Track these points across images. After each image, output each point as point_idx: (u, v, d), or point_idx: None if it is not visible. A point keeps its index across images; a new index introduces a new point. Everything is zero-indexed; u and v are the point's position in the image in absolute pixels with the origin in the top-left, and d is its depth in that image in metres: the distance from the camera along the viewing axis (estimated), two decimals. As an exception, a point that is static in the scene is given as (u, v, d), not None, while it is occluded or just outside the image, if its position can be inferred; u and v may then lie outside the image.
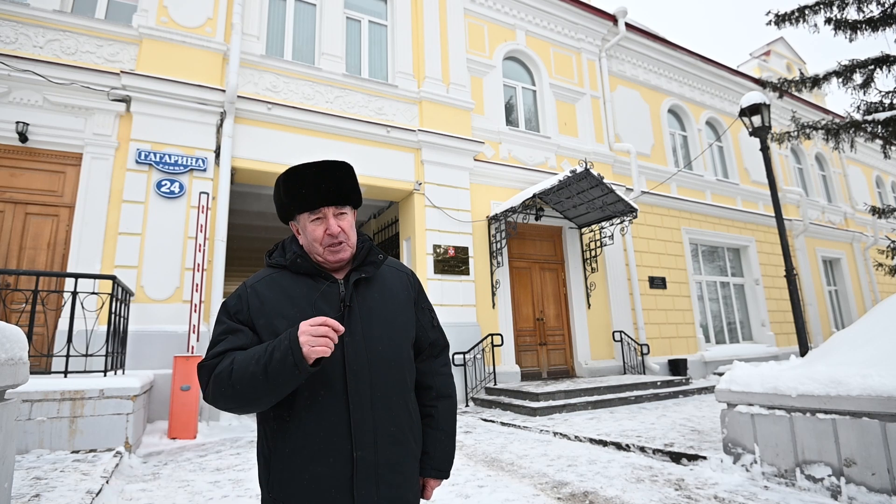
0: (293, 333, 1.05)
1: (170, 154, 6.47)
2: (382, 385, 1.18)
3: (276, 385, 1.05)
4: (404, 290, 1.33)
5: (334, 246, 1.22)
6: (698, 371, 10.41)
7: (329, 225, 1.21)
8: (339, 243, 1.22)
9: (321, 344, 1.03)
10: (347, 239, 1.24)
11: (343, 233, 1.22)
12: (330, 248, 1.22)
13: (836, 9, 8.01)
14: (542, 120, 10.12)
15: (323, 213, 1.22)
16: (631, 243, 10.21)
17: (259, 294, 1.20)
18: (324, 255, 1.23)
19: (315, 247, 1.23)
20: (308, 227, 1.23)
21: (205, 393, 1.14)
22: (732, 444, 3.80)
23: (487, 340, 7.97)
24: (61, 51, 6.26)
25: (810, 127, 8.50)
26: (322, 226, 1.22)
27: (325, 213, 1.22)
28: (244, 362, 1.08)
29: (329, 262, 1.24)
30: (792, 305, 5.78)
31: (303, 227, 1.24)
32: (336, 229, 1.21)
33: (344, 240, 1.23)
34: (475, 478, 3.85)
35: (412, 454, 1.23)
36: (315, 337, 1.03)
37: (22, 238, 5.87)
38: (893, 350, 3.18)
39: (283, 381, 1.05)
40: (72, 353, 4.40)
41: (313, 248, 1.23)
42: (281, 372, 1.03)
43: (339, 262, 1.24)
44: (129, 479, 3.84)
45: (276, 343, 1.07)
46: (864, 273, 15.52)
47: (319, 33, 8.11)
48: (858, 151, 15.24)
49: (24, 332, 1.94)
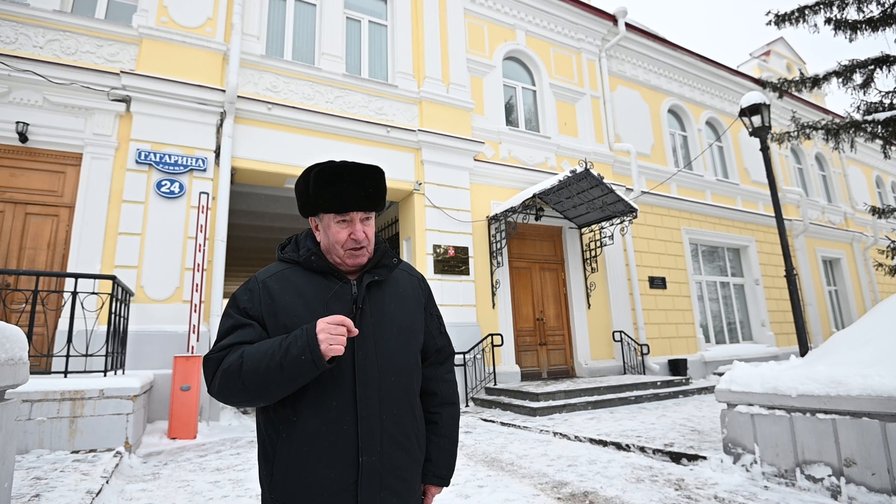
0: (311, 330, 1.06)
1: (170, 154, 6.47)
2: (390, 389, 1.17)
3: (290, 380, 1.06)
4: (415, 294, 1.33)
5: (356, 251, 1.21)
6: (698, 371, 10.41)
7: (355, 230, 1.20)
8: (361, 248, 1.21)
9: (339, 343, 1.04)
10: (369, 244, 1.23)
11: (366, 238, 1.21)
12: (351, 252, 1.21)
13: (836, 9, 8.00)
14: (542, 120, 10.12)
15: (351, 217, 1.19)
16: (631, 243, 10.20)
17: (270, 290, 1.19)
18: (343, 258, 1.22)
19: (336, 249, 1.21)
20: (332, 228, 1.20)
21: (210, 386, 1.13)
22: (732, 444, 3.80)
23: (487, 340, 7.97)
24: (61, 51, 6.26)
25: (810, 127, 8.50)
26: (347, 230, 1.20)
27: (353, 217, 1.20)
28: (255, 357, 1.07)
29: (347, 265, 1.23)
30: (792, 305, 5.78)
31: (326, 226, 1.22)
32: (361, 235, 1.20)
33: (366, 245, 1.22)
34: (475, 478, 3.85)
35: (416, 460, 1.23)
36: (333, 335, 1.04)
37: (22, 238, 5.87)
38: (893, 350, 3.18)
39: (298, 376, 1.06)
40: (72, 353, 4.40)
41: (333, 249, 1.22)
42: (297, 368, 1.04)
43: (356, 267, 1.24)
44: (129, 479, 3.84)
45: (292, 339, 1.07)
46: (864, 273, 15.52)
47: (319, 33, 8.11)
48: (858, 151, 15.26)
49: (24, 332, 1.94)
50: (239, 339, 1.14)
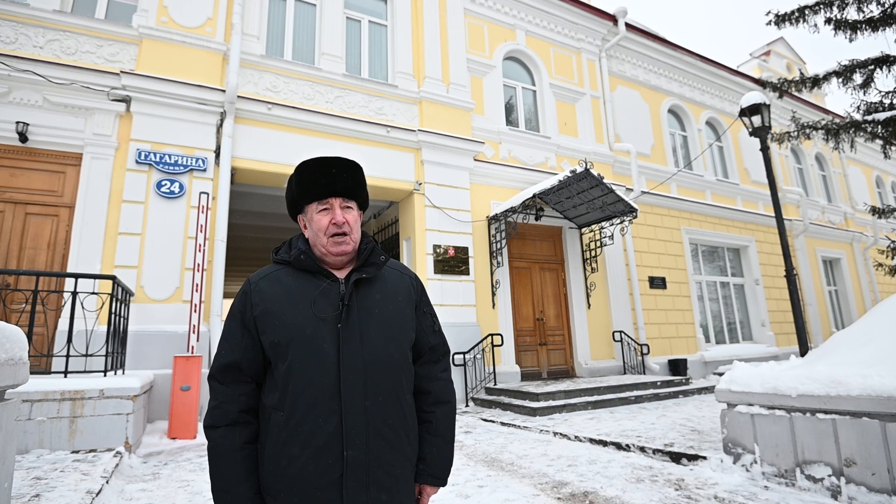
0: None
1: (170, 154, 6.47)
2: (377, 385, 1.18)
3: None
4: (405, 292, 1.34)
5: (338, 237, 1.24)
6: (698, 371, 10.41)
7: (335, 214, 1.24)
8: (343, 234, 1.24)
9: None
10: (351, 232, 1.26)
11: (347, 224, 1.25)
12: (333, 239, 1.24)
13: (836, 9, 8.01)
14: (542, 120, 10.12)
15: (330, 203, 1.25)
16: (631, 243, 10.20)
17: (261, 291, 1.23)
18: (327, 246, 1.24)
19: (319, 237, 1.25)
20: (314, 218, 1.25)
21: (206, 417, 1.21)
22: (732, 444, 3.80)
23: (487, 340, 7.97)
24: (61, 51, 6.26)
25: (810, 127, 8.50)
26: (328, 216, 1.24)
27: (332, 203, 1.25)
28: (211, 467, 1.17)
29: (332, 254, 1.25)
30: (792, 305, 5.78)
31: (310, 218, 1.27)
32: (341, 219, 1.24)
33: (348, 231, 1.25)
34: (475, 478, 3.85)
35: (406, 457, 1.23)
36: None
37: (22, 238, 5.87)
38: (893, 350, 3.18)
39: None
40: (72, 353, 4.40)
41: (318, 239, 1.25)
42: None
43: (341, 255, 1.26)
44: (129, 479, 3.84)
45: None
46: (864, 273, 15.52)
47: (319, 33, 8.11)
48: (858, 151, 15.27)
49: (24, 332, 1.94)
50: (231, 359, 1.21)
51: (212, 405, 1.20)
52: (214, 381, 1.21)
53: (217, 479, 1.15)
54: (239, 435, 1.17)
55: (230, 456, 1.15)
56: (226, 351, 1.22)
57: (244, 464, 1.15)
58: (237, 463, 1.15)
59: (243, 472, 1.15)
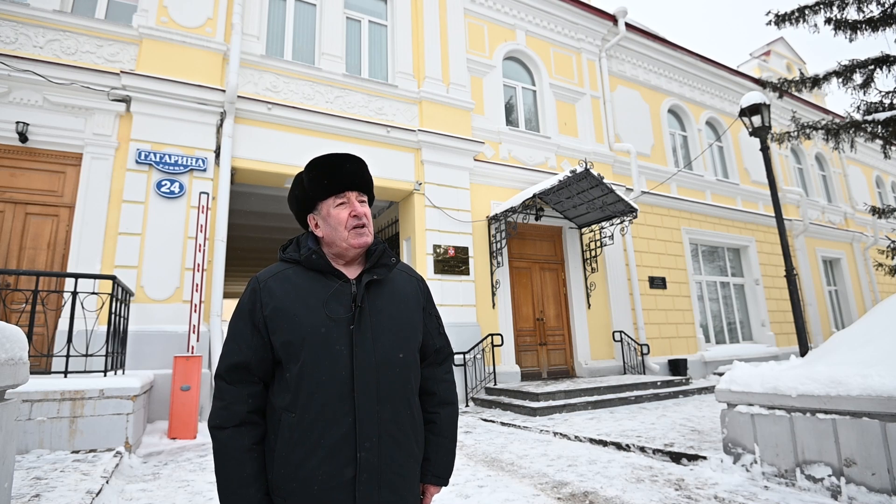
0: None
1: (170, 154, 6.47)
2: (388, 387, 1.18)
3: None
4: (414, 294, 1.34)
5: (359, 228, 1.24)
6: (698, 371, 10.41)
7: (354, 206, 1.25)
8: (363, 226, 1.25)
9: None
10: (370, 224, 1.27)
11: (366, 217, 1.26)
12: (355, 231, 1.24)
13: (836, 9, 8.01)
14: (542, 120, 10.12)
15: (347, 196, 1.26)
16: (631, 243, 10.20)
17: (271, 290, 1.21)
18: (348, 239, 1.24)
19: (339, 231, 1.24)
20: (332, 213, 1.25)
21: (210, 417, 1.19)
22: (732, 444, 3.80)
23: (487, 340, 7.97)
24: (61, 51, 6.26)
25: (810, 127, 8.50)
26: (346, 209, 1.25)
27: (349, 196, 1.26)
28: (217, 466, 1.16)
29: (353, 246, 1.25)
30: (792, 305, 5.78)
31: (326, 214, 1.26)
32: (361, 210, 1.25)
33: (367, 223, 1.26)
34: (475, 478, 3.85)
35: (414, 458, 1.24)
36: None
37: (22, 238, 5.87)
38: (893, 350, 3.18)
39: None
40: (72, 354, 4.40)
41: (337, 233, 1.25)
42: None
43: (362, 247, 1.26)
44: (129, 479, 3.84)
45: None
46: (864, 273, 15.52)
47: (319, 33, 8.11)
48: (858, 151, 15.26)
49: (24, 332, 1.94)
50: (238, 359, 1.18)
51: (219, 406, 1.18)
52: (222, 380, 1.19)
53: (224, 480, 1.14)
54: (247, 436, 1.15)
55: (239, 457, 1.13)
56: (234, 350, 1.19)
57: (253, 465, 1.14)
58: (246, 464, 1.13)
59: (252, 473, 1.13)
